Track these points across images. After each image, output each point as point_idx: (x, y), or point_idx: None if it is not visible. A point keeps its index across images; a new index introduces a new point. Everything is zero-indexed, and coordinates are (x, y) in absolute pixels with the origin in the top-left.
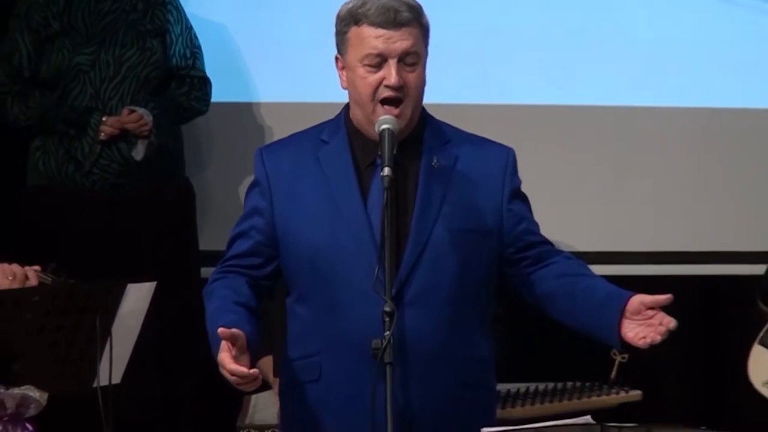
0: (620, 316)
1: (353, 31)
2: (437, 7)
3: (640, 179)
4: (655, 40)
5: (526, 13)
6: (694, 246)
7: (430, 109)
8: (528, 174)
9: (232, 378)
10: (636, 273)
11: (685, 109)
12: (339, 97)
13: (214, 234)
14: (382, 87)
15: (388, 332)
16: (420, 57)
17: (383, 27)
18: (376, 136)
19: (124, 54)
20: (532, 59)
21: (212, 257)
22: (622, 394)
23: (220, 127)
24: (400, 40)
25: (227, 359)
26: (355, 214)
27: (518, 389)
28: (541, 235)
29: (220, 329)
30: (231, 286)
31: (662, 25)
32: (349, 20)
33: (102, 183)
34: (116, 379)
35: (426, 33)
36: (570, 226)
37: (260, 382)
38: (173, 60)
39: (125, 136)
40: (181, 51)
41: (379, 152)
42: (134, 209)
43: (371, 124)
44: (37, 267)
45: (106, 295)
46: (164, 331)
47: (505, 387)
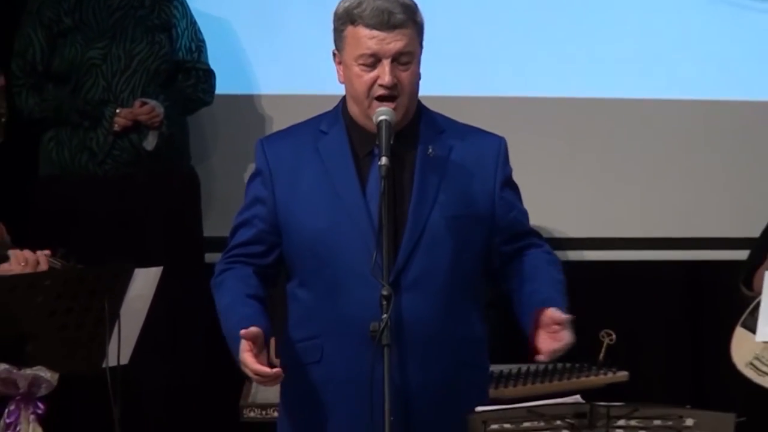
0: (535, 326)
1: (349, 30)
2: (432, 1)
3: (627, 167)
4: (645, 31)
5: (519, 5)
6: (681, 232)
7: (425, 101)
8: (519, 163)
9: (255, 377)
10: (624, 258)
11: (671, 100)
12: (339, 90)
13: (218, 221)
14: (376, 85)
15: (385, 315)
16: (414, 56)
17: (377, 29)
18: (373, 127)
19: (134, 48)
20: (524, 52)
21: (216, 243)
22: (610, 374)
23: (223, 118)
24: (394, 41)
25: (249, 359)
26: (354, 201)
27: (510, 370)
28: (528, 226)
29: (243, 331)
30: (240, 277)
31: (653, 17)
32: (345, 19)
33: (113, 172)
34: (124, 360)
35: (420, 30)
36: (559, 213)
37: (281, 379)
38: (179, 53)
39: (137, 127)
40: (187, 45)
41: (376, 142)
42: (142, 197)
43: (367, 117)
44: (47, 251)
45: (114, 280)
46: (170, 313)
47: (498, 368)
